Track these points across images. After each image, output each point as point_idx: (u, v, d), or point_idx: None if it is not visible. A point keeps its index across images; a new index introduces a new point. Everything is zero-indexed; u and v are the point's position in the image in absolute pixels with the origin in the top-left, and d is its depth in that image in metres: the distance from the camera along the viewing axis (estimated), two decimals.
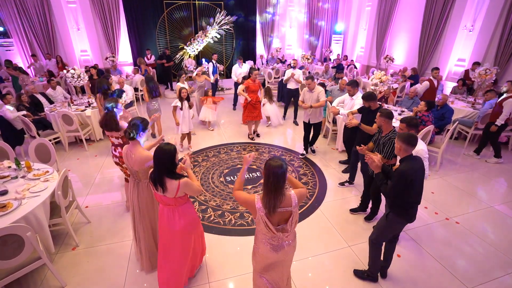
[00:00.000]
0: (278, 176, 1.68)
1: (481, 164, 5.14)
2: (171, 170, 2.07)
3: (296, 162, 5.06)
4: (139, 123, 2.42)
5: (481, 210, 3.80)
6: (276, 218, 1.80)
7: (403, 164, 2.28)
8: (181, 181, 2.06)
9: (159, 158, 2.03)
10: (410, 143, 2.25)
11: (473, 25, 7.31)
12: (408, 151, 2.29)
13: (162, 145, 2.06)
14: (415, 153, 2.48)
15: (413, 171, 2.21)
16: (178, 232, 2.25)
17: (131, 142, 2.44)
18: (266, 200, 1.73)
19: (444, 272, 2.82)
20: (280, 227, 1.82)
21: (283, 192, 1.74)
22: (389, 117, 2.96)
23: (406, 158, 2.31)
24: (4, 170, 3.22)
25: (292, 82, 6.85)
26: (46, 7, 9.01)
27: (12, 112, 4.98)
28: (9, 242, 2.22)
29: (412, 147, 2.27)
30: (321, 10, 12.30)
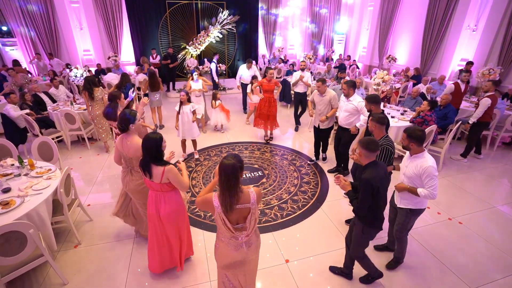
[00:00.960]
0: (228, 174, 1.66)
1: (484, 164, 5.10)
2: (157, 157, 2.23)
3: (298, 161, 5.05)
4: (128, 115, 2.64)
5: (484, 211, 3.77)
6: (235, 216, 1.77)
7: (367, 172, 2.16)
8: (166, 167, 2.21)
9: (146, 146, 2.21)
10: (371, 149, 2.13)
11: (477, 25, 7.27)
12: (369, 157, 2.17)
13: (149, 134, 2.23)
14: (422, 170, 2.35)
15: (378, 178, 2.10)
16: (163, 217, 2.43)
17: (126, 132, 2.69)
18: (222, 198, 1.70)
19: (447, 272, 2.80)
20: (240, 226, 1.80)
21: (237, 190, 1.70)
22: (380, 122, 2.81)
23: (370, 165, 2.19)
24: (7, 168, 3.24)
25: (301, 86, 6.40)
26: (49, 6, 9.07)
27: (15, 110, 5.01)
28: (12, 239, 2.23)
29: (373, 153, 2.15)
30: (323, 9, 12.27)
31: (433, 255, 3.01)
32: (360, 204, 2.18)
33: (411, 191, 2.45)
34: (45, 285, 2.63)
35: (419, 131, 2.37)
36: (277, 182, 4.36)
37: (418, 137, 2.35)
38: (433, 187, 2.33)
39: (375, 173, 2.12)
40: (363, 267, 2.56)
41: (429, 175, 2.32)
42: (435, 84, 7.15)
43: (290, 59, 11.89)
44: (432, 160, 2.37)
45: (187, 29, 10.85)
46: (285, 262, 2.91)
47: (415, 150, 2.41)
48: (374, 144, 2.15)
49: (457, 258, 2.99)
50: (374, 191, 2.10)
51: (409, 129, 2.41)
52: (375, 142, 2.17)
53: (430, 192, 2.34)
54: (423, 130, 2.39)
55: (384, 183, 2.19)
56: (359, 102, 4.03)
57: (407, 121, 4.98)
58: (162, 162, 2.24)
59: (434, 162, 2.36)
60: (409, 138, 2.39)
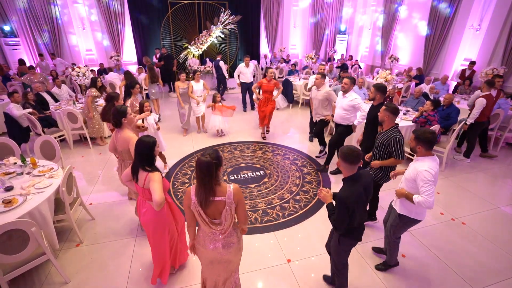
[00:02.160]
0: (203, 171, 1.68)
1: (487, 164, 5.07)
2: (148, 161, 2.17)
3: (299, 161, 5.04)
4: (119, 110, 2.76)
5: (488, 211, 3.74)
6: (211, 210, 1.77)
7: (343, 189, 1.98)
8: (149, 174, 2.13)
9: (138, 149, 2.15)
10: (350, 161, 1.90)
11: (480, 25, 7.22)
12: (350, 170, 1.95)
13: (142, 137, 2.19)
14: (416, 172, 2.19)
15: (354, 197, 1.90)
16: (142, 223, 2.42)
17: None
18: (198, 192, 1.74)
19: (449, 273, 2.78)
20: (217, 221, 1.81)
21: (212, 186, 1.71)
22: (394, 113, 2.77)
23: (347, 179, 1.98)
24: (10, 167, 3.25)
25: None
26: (52, 6, 9.10)
27: (18, 110, 5.04)
28: (14, 237, 2.23)
29: (353, 165, 1.93)
30: (326, 9, 12.25)
31: (436, 256, 2.99)
32: (336, 221, 2.00)
33: (408, 197, 2.29)
34: (47, 283, 2.63)
35: (429, 133, 2.17)
36: (278, 182, 4.35)
37: (427, 140, 2.17)
38: (428, 193, 2.12)
39: (351, 191, 1.92)
40: (337, 277, 2.42)
41: (422, 179, 2.14)
42: (438, 84, 7.12)
43: (292, 59, 11.87)
44: (430, 165, 2.17)
45: (189, 29, 10.87)
46: (287, 262, 2.90)
47: (421, 153, 2.24)
48: (356, 156, 1.90)
49: (460, 259, 2.96)
50: (350, 211, 1.91)
51: (419, 131, 2.23)
52: (356, 153, 1.91)
53: (425, 198, 2.13)
54: (434, 133, 2.19)
55: (362, 201, 1.98)
56: (354, 98, 4.06)
57: (409, 121, 4.96)
58: (151, 168, 2.17)
59: (433, 168, 2.16)
60: (417, 139, 2.22)
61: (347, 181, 1.99)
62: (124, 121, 2.79)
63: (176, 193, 4.06)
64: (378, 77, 6.15)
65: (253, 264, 2.85)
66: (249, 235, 3.24)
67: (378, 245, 3.08)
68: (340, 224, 2.00)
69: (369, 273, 2.78)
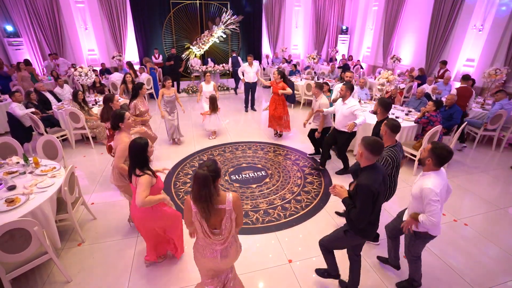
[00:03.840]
0: (199, 184, 1.65)
1: (490, 165, 5.04)
2: (140, 163, 2.23)
3: (301, 161, 5.03)
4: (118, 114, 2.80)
5: (490, 212, 3.72)
6: (212, 219, 1.76)
7: (364, 177, 1.91)
8: (140, 178, 2.20)
9: (131, 151, 2.24)
10: (374, 151, 1.88)
11: (483, 25, 7.19)
12: (370, 160, 1.93)
13: (135, 139, 2.26)
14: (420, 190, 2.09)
15: (377, 183, 1.85)
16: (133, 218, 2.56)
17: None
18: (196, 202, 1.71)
19: (452, 274, 2.77)
20: (217, 231, 1.80)
21: (210, 198, 1.67)
22: (392, 130, 2.63)
23: (367, 168, 1.95)
24: (13, 166, 3.27)
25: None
26: (55, 6, 9.15)
27: (20, 109, 5.06)
28: (17, 236, 2.24)
29: (376, 156, 1.91)
30: (327, 9, 12.24)
31: (438, 257, 2.98)
32: (360, 214, 1.92)
33: (414, 217, 2.19)
34: (49, 282, 2.64)
35: (447, 151, 2.02)
36: (280, 182, 4.35)
37: (441, 156, 2.03)
38: (431, 212, 2.02)
39: (373, 177, 1.88)
40: (325, 260, 2.43)
41: (425, 197, 2.04)
42: (440, 85, 7.09)
43: (294, 59, 11.86)
44: (434, 182, 2.04)
45: (191, 29, 10.89)
46: (288, 262, 2.89)
47: (429, 167, 2.12)
48: (379, 147, 1.89)
49: (463, 260, 2.95)
50: (374, 197, 1.84)
51: (439, 144, 2.08)
52: (381, 144, 1.92)
53: (428, 218, 2.04)
54: (451, 153, 2.04)
55: (383, 189, 1.95)
56: (353, 105, 4.03)
57: (411, 121, 4.94)
58: (145, 169, 2.24)
59: (437, 185, 2.04)
60: (431, 151, 2.07)
61: (366, 169, 1.96)
62: (121, 126, 2.81)
63: (177, 192, 4.07)
64: (380, 77, 6.13)
65: (254, 264, 2.85)
66: (250, 235, 3.24)
67: (381, 250, 3.06)
68: (363, 215, 1.91)
69: (370, 274, 2.77)
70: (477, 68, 7.39)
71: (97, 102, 6.07)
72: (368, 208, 1.89)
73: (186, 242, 2.96)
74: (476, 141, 5.65)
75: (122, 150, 2.72)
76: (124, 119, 2.80)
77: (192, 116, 7.50)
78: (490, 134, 5.56)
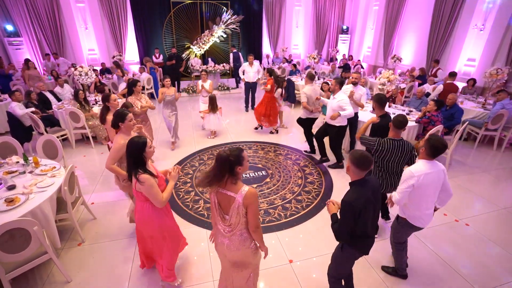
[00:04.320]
0: (218, 163, 1.74)
1: (491, 165, 5.03)
2: (138, 163, 2.09)
3: (301, 161, 5.02)
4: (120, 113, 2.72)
5: (492, 212, 3.71)
6: (223, 203, 1.82)
7: (349, 192, 1.88)
8: (139, 176, 2.05)
9: (128, 150, 2.10)
10: (361, 165, 1.83)
11: (484, 24, 7.17)
12: (357, 174, 1.87)
13: (133, 138, 2.14)
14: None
15: (362, 200, 1.81)
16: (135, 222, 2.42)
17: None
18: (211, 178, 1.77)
19: (454, 275, 2.76)
20: (227, 217, 1.83)
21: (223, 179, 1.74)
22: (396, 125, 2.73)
23: (355, 183, 1.90)
24: (13, 165, 3.26)
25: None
26: (55, 6, 9.15)
27: (20, 109, 5.05)
28: (16, 236, 2.23)
29: (363, 171, 1.85)
30: (328, 9, 12.22)
31: (439, 258, 2.96)
32: (339, 227, 1.90)
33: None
34: (49, 282, 2.63)
35: (441, 144, 2.13)
36: (280, 182, 4.34)
37: (433, 147, 2.15)
38: (399, 190, 2.25)
39: (358, 194, 1.83)
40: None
41: (403, 176, 2.24)
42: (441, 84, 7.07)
43: (294, 59, 11.85)
44: (417, 167, 2.20)
45: (191, 29, 10.88)
46: (289, 262, 2.88)
47: (422, 156, 2.25)
48: (365, 162, 1.83)
49: (465, 260, 2.94)
50: (356, 215, 1.81)
51: (436, 136, 2.21)
52: (369, 159, 1.84)
53: (394, 193, 2.27)
54: (445, 145, 2.15)
55: (370, 206, 1.86)
56: (342, 99, 4.20)
57: (412, 121, 4.92)
58: (142, 169, 2.08)
59: (418, 170, 2.17)
60: (426, 141, 2.20)
61: (354, 185, 1.92)
62: (121, 126, 2.71)
63: (178, 192, 4.06)
64: (381, 77, 6.11)
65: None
66: None
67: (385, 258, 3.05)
68: (342, 229, 1.90)
69: (372, 275, 2.76)
70: (478, 68, 7.37)
71: (97, 102, 6.06)
72: (347, 223, 1.87)
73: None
74: (477, 141, 5.63)
75: (115, 151, 2.65)
76: (125, 119, 2.70)
77: (192, 116, 7.49)
78: (491, 134, 5.54)
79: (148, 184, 2.05)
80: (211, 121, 5.78)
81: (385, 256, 2.95)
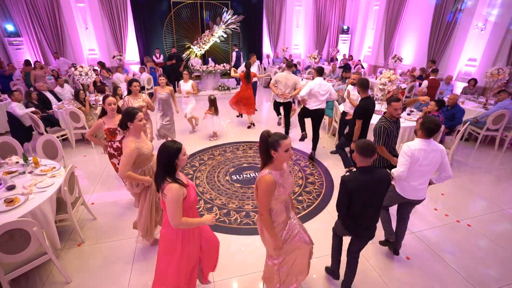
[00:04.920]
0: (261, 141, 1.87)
1: (493, 166, 5.01)
2: (167, 171, 1.84)
3: (302, 161, 5.00)
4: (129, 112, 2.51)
5: (494, 213, 3.69)
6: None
7: (350, 174, 2.10)
8: (165, 186, 1.81)
9: (158, 154, 1.87)
10: (364, 153, 2.00)
11: (485, 24, 7.15)
12: (362, 161, 2.04)
13: (166, 142, 1.89)
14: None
15: (355, 183, 2.01)
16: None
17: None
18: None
19: (455, 275, 2.74)
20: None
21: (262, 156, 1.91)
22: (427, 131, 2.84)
23: (360, 168, 2.08)
24: (12, 166, 3.25)
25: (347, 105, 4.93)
26: (55, 6, 9.14)
27: (20, 109, 5.04)
28: (16, 237, 2.22)
29: (367, 158, 2.01)
30: (328, 9, 12.21)
31: (441, 258, 2.95)
32: (337, 202, 2.20)
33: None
34: (49, 283, 2.62)
35: (434, 124, 2.39)
36: None
37: (428, 128, 2.41)
38: (398, 162, 2.52)
39: (356, 177, 2.04)
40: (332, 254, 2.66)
41: (401, 151, 2.52)
42: (442, 84, 7.06)
43: (295, 59, 11.83)
44: (414, 143, 2.49)
45: (191, 29, 10.87)
46: None
47: (419, 137, 2.54)
48: (368, 150, 2.00)
49: (466, 261, 2.92)
50: (349, 194, 2.04)
51: (428, 118, 2.46)
52: (372, 147, 2.00)
53: (395, 169, 2.54)
54: (438, 125, 2.41)
55: (365, 191, 2.03)
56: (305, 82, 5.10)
57: (413, 121, 4.91)
58: (170, 178, 1.82)
59: (414, 145, 2.47)
60: (421, 124, 2.46)
61: (358, 169, 2.10)
62: (130, 126, 2.47)
63: None
64: (382, 77, 6.08)
65: (255, 265, 2.82)
66: (251, 236, 3.22)
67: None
68: (338, 203, 2.18)
69: (373, 276, 2.74)
70: (479, 68, 7.35)
71: (97, 102, 6.05)
72: (342, 199, 2.12)
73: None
74: (479, 141, 5.62)
75: (127, 157, 2.40)
76: (134, 118, 2.45)
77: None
78: (493, 134, 5.52)
79: (171, 197, 1.77)
80: (214, 122, 5.73)
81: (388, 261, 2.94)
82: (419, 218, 3.57)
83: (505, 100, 5.31)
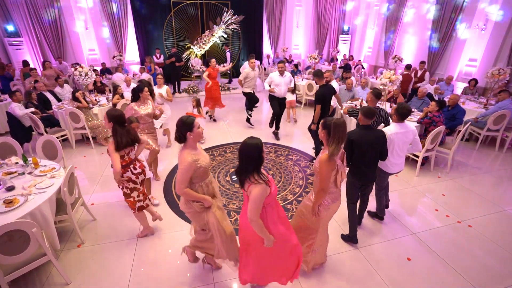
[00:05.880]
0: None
1: (493, 166, 5.00)
2: (255, 168, 1.90)
3: (303, 162, 4.99)
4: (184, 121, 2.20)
5: (495, 214, 3.68)
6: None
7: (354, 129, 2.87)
8: (253, 190, 1.86)
9: (241, 153, 1.92)
10: (367, 115, 2.69)
11: (486, 24, 7.14)
12: (363, 121, 2.74)
13: (246, 139, 1.93)
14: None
15: (355, 134, 2.70)
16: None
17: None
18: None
19: (457, 277, 2.73)
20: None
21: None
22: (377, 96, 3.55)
23: (361, 126, 2.78)
24: (12, 166, 3.24)
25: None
26: (55, 6, 9.13)
27: (20, 109, 5.03)
28: (15, 238, 2.21)
29: (368, 119, 2.70)
30: (328, 9, 12.19)
31: (442, 259, 2.94)
32: (345, 154, 2.57)
33: None
34: (48, 284, 2.61)
35: (407, 110, 2.94)
36: (281, 183, 4.31)
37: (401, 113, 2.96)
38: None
39: (356, 131, 2.78)
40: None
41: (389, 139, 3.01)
42: (442, 85, 7.05)
43: (295, 59, 11.82)
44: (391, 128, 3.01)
45: (191, 29, 10.86)
46: None
47: (394, 120, 3.06)
48: (371, 113, 2.69)
49: (467, 262, 2.91)
50: (350, 143, 2.67)
51: (401, 104, 2.98)
52: (372, 111, 2.69)
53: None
54: (410, 110, 2.98)
55: (361, 141, 2.68)
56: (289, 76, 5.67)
57: (414, 121, 4.90)
58: (259, 176, 1.88)
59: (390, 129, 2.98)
60: (395, 110, 3.00)
61: (360, 126, 2.79)
62: (190, 136, 2.17)
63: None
64: (382, 77, 6.08)
65: None
66: None
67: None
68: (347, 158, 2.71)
69: (374, 277, 2.73)
70: (480, 68, 7.34)
71: (97, 102, 6.03)
72: (348, 150, 2.72)
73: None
74: (479, 141, 5.60)
75: (184, 173, 2.13)
76: (193, 126, 2.13)
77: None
78: (493, 134, 5.51)
79: (257, 193, 1.86)
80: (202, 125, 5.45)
81: (388, 257, 2.93)
82: (420, 219, 3.56)
83: (505, 100, 5.30)
